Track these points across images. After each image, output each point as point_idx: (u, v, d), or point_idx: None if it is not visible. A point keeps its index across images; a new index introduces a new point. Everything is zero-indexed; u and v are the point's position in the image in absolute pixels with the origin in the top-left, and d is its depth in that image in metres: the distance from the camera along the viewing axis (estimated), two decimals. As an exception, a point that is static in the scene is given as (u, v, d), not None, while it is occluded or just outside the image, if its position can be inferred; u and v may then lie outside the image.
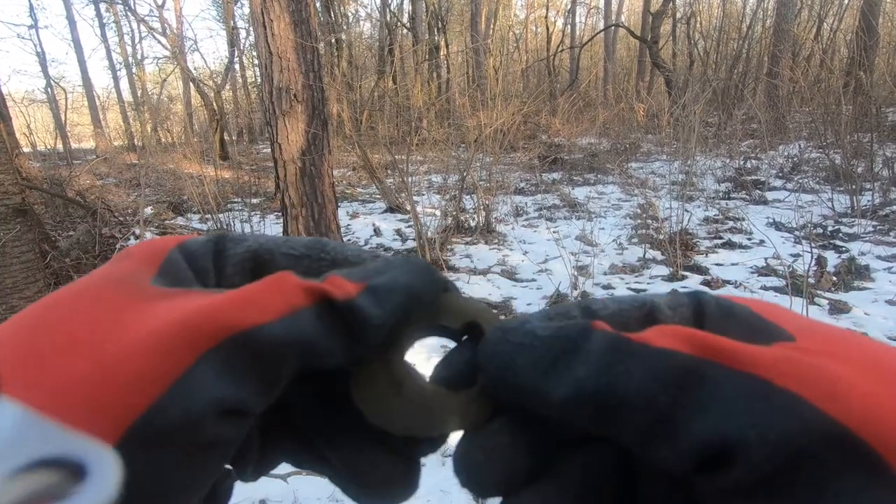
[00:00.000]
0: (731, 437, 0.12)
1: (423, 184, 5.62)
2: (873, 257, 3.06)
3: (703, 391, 0.12)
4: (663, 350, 0.13)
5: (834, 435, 0.11)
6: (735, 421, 0.12)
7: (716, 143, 6.96)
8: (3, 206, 2.01)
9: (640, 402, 0.13)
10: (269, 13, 2.93)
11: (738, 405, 0.12)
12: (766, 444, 0.11)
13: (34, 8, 18.71)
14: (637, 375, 0.13)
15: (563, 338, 0.15)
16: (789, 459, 0.11)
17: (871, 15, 7.53)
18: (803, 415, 0.11)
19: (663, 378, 0.13)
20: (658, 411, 0.13)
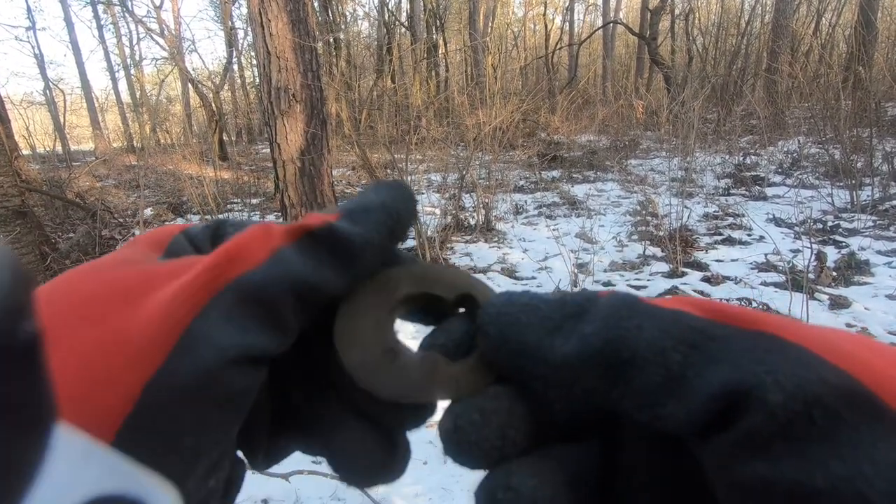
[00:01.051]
0: (746, 383, 0.11)
1: (423, 183, 5.61)
2: (873, 252, 3.06)
3: (715, 347, 0.12)
4: (675, 310, 0.13)
5: (846, 387, 0.11)
6: (750, 369, 0.11)
7: (715, 140, 6.95)
8: (2, 209, 2.01)
9: (651, 356, 0.13)
10: (267, 13, 2.93)
11: (751, 357, 0.12)
12: (783, 390, 0.11)
13: (32, 10, 18.69)
14: (648, 330, 0.13)
15: (571, 303, 0.15)
16: (805, 407, 0.11)
17: (870, 9, 7.51)
18: (817, 366, 0.11)
19: (675, 335, 0.13)
20: (668, 367, 0.12)
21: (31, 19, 18.86)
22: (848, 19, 10.92)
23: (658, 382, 0.13)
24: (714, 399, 0.12)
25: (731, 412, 0.12)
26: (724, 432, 0.12)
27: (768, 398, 0.11)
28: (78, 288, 0.15)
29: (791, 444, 0.11)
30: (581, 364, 0.14)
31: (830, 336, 0.12)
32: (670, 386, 0.12)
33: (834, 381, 0.11)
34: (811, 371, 0.11)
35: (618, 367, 0.13)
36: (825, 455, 0.10)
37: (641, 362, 0.13)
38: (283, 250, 0.16)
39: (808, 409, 0.11)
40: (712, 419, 0.12)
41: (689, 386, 0.12)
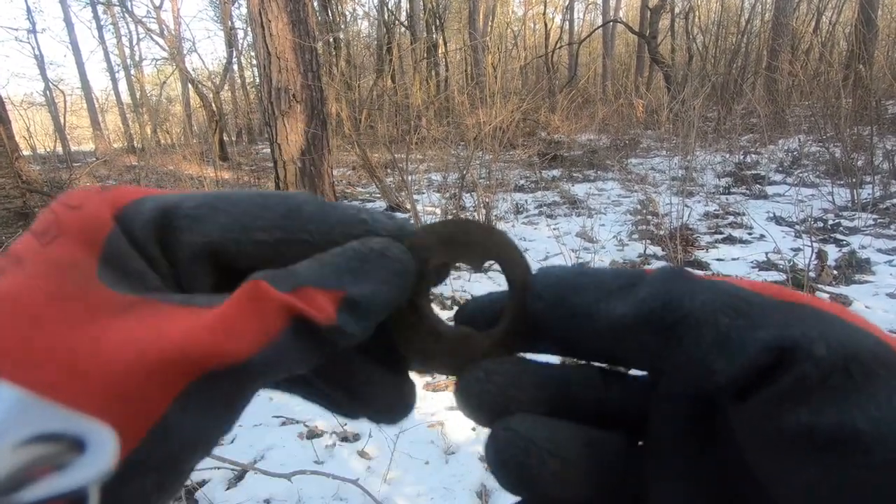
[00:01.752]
0: (792, 339, 0.12)
1: (423, 182, 5.61)
2: (874, 250, 3.06)
3: (758, 313, 0.13)
4: (721, 281, 0.15)
5: (879, 348, 0.12)
6: (796, 328, 0.13)
7: (715, 138, 6.95)
8: (4, 210, 2.02)
9: (703, 316, 0.14)
10: (267, 13, 2.93)
11: (792, 320, 0.13)
12: (826, 345, 0.12)
13: (32, 11, 18.71)
14: (700, 294, 0.14)
15: (624, 274, 0.16)
16: (844, 361, 0.12)
17: (870, 7, 7.50)
18: (852, 330, 0.13)
19: (724, 300, 0.14)
20: (719, 327, 0.13)
21: (32, 20, 18.88)
22: (848, 17, 10.90)
23: (709, 341, 0.13)
24: (762, 353, 0.13)
25: (775, 368, 0.13)
26: (769, 385, 0.13)
27: (814, 351, 0.12)
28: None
29: (832, 394, 0.12)
30: (637, 323, 0.15)
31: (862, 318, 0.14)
32: (720, 344, 0.13)
33: (867, 343, 0.12)
34: (847, 332, 0.13)
35: (672, 327, 0.14)
36: (863, 402, 0.12)
37: (694, 322, 0.14)
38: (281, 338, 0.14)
39: (847, 364, 0.12)
40: (757, 375, 0.13)
41: (738, 344, 0.13)
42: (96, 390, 0.12)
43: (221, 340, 0.13)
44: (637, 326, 0.15)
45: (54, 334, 0.12)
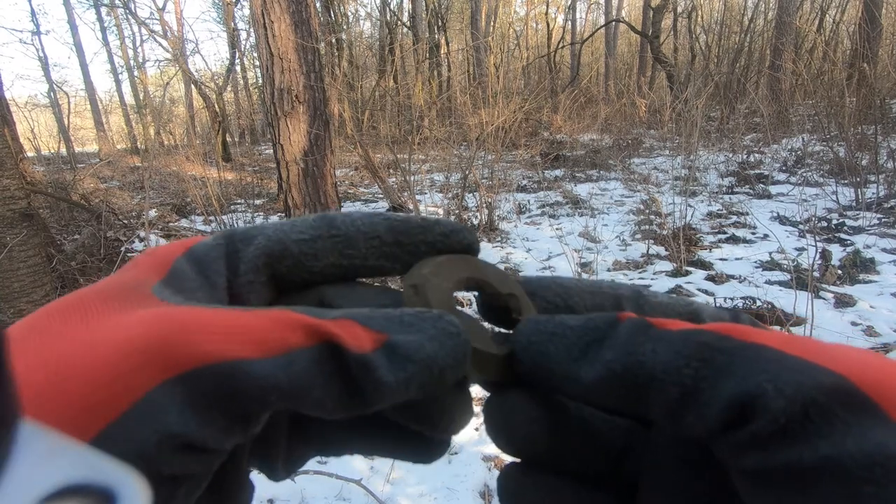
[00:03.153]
0: (751, 392, 0.13)
1: (426, 182, 5.62)
2: (878, 250, 3.05)
3: (722, 360, 0.14)
4: (684, 330, 0.15)
5: (839, 387, 0.12)
6: (753, 379, 0.13)
7: (718, 138, 6.93)
8: (9, 211, 2.03)
9: (667, 375, 0.14)
10: (270, 14, 2.93)
11: (754, 368, 0.13)
12: (782, 396, 0.13)
13: (36, 13, 18.80)
14: (662, 353, 0.14)
15: (592, 328, 0.16)
16: (802, 409, 0.12)
17: (874, 6, 7.47)
18: (811, 371, 0.13)
19: (686, 353, 0.14)
20: (683, 383, 0.14)
21: (36, 22, 18.99)
22: (852, 16, 10.85)
23: (675, 398, 0.14)
24: (726, 410, 0.13)
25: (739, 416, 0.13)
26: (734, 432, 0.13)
27: (769, 403, 0.13)
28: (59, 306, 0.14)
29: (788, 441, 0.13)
30: (606, 388, 0.15)
31: (829, 346, 0.14)
32: (687, 400, 0.14)
33: (827, 383, 0.13)
34: (806, 376, 0.13)
35: (639, 388, 0.15)
36: (816, 440, 0.12)
37: (659, 382, 0.14)
38: (298, 352, 0.13)
39: (805, 409, 0.12)
40: (726, 425, 0.13)
41: (703, 399, 0.14)
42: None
43: (225, 334, 0.13)
44: (607, 392, 0.15)
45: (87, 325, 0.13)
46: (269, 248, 0.17)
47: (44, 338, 0.13)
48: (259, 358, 0.13)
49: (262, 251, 0.17)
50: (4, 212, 2.01)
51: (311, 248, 0.18)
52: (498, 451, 1.69)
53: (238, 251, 0.18)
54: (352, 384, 0.14)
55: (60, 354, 0.12)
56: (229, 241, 0.18)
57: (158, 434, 0.12)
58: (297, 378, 0.13)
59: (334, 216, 0.19)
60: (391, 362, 0.14)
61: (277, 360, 0.13)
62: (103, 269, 3.26)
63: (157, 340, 0.12)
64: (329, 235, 0.18)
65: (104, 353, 0.12)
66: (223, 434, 0.13)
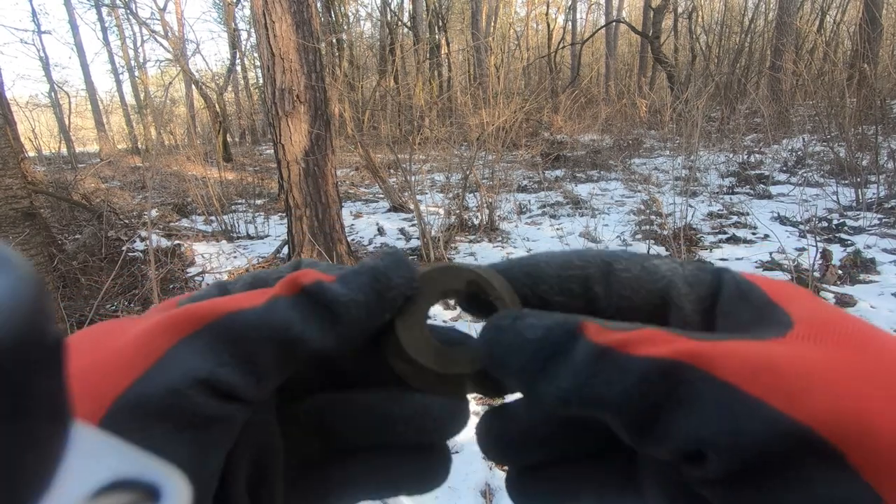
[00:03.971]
0: (704, 440, 0.13)
1: (426, 183, 5.62)
2: (879, 250, 3.05)
3: (680, 397, 0.13)
4: (643, 358, 0.14)
5: (798, 435, 0.12)
6: (708, 426, 0.13)
7: (719, 138, 6.93)
8: (11, 210, 2.03)
9: (621, 408, 0.14)
10: (271, 15, 2.94)
11: (711, 411, 0.13)
12: (735, 447, 0.12)
13: (37, 13, 18.82)
14: (617, 384, 0.14)
15: (551, 343, 0.16)
16: (757, 458, 0.12)
17: (875, 6, 7.47)
18: (769, 418, 0.12)
19: (642, 388, 0.14)
20: (638, 415, 0.14)
21: (37, 22, 18.99)
22: (852, 16, 10.85)
23: (632, 426, 0.14)
24: (679, 449, 0.14)
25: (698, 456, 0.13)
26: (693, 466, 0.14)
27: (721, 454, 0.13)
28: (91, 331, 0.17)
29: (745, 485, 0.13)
30: (564, 409, 0.15)
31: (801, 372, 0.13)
32: (643, 429, 0.14)
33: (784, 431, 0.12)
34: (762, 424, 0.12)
35: (596, 413, 0.15)
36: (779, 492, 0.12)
37: (616, 411, 0.14)
38: (278, 299, 0.17)
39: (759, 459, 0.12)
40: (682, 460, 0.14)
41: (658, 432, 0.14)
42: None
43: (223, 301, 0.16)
44: (566, 411, 0.15)
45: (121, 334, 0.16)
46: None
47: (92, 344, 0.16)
48: (247, 308, 0.16)
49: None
50: (7, 211, 2.01)
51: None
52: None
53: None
54: (319, 307, 0.17)
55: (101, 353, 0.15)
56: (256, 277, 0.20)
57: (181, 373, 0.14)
58: (279, 316, 0.16)
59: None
60: (343, 283, 0.17)
61: (263, 305, 0.16)
62: (104, 268, 3.26)
63: (173, 314, 0.16)
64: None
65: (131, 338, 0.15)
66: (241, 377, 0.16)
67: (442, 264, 0.20)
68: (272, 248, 3.90)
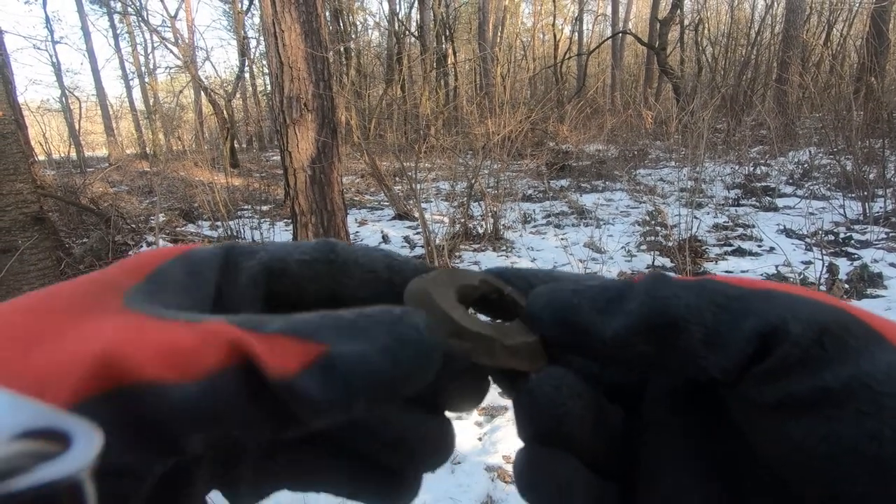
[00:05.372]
0: (771, 323, 0.14)
1: (431, 191, 5.64)
2: (886, 264, 3.03)
3: (738, 305, 0.15)
4: (700, 280, 0.16)
5: (848, 319, 0.14)
6: (772, 313, 0.14)
7: (725, 150, 6.93)
8: (21, 215, 2.05)
9: (692, 316, 0.15)
10: (281, 24, 2.98)
11: (770, 305, 0.14)
12: (802, 324, 0.14)
13: (50, 20, 19.11)
14: (684, 297, 0.15)
15: (612, 289, 0.17)
16: (818, 335, 0.13)
17: (882, 20, 7.48)
18: (823, 306, 0.14)
19: (707, 297, 0.15)
20: (706, 324, 0.15)
21: (50, 29, 19.26)
22: (859, 30, 10.86)
23: (699, 338, 0.15)
24: (748, 342, 0.14)
25: (760, 352, 0.14)
26: (756, 366, 0.14)
27: (790, 330, 0.14)
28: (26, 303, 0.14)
29: (809, 365, 0.13)
30: (631, 335, 0.15)
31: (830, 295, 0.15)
32: (710, 339, 0.15)
33: (836, 316, 0.14)
34: (819, 309, 0.14)
35: (662, 331, 0.15)
36: (835, 366, 0.13)
37: (683, 323, 0.15)
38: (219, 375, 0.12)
39: (820, 337, 0.13)
40: (746, 361, 0.14)
41: (726, 336, 0.14)
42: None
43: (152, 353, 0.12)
44: (632, 338, 0.15)
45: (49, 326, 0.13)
46: (271, 264, 0.18)
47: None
48: (180, 382, 0.12)
49: (264, 265, 0.18)
50: (17, 215, 2.03)
51: (311, 270, 0.18)
52: (500, 462, 1.68)
53: (238, 263, 0.18)
54: (278, 406, 0.13)
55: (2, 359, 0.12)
56: (229, 251, 0.18)
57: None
58: (218, 402, 0.12)
59: (336, 243, 0.19)
60: (324, 381, 0.13)
61: (198, 384, 0.12)
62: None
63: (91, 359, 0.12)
64: (328, 261, 0.18)
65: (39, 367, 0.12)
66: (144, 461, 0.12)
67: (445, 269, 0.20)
68: (277, 254, 3.91)
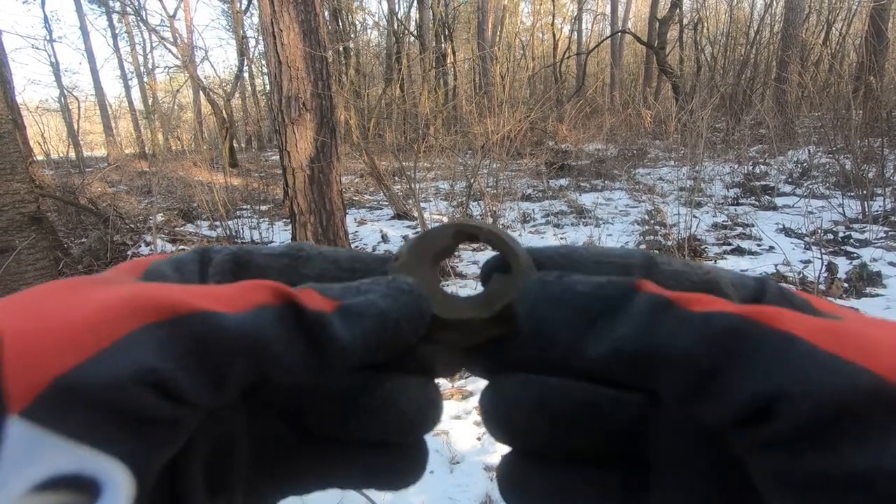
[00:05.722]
0: (775, 392, 0.12)
1: (431, 190, 5.63)
2: (885, 263, 3.03)
3: (748, 351, 0.13)
4: (709, 312, 0.13)
5: (878, 390, 0.11)
6: (779, 378, 0.12)
7: (724, 149, 6.93)
8: (19, 215, 2.05)
9: (685, 363, 0.13)
10: (279, 23, 2.97)
11: (781, 363, 0.12)
12: (810, 398, 0.11)
13: (49, 19, 19.09)
14: (682, 338, 0.13)
15: (604, 298, 0.15)
16: (833, 414, 0.11)
17: (881, 19, 7.48)
18: (844, 370, 0.12)
19: (708, 340, 0.13)
20: (702, 372, 0.13)
21: (48, 28, 19.23)
22: (858, 29, 10.86)
23: (691, 383, 0.13)
24: (746, 404, 0.12)
25: (761, 413, 0.12)
26: (754, 427, 0.12)
27: (795, 406, 0.12)
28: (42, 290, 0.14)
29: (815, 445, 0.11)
30: (612, 366, 0.14)
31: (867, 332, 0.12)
32: (704, 387, 0.13)
33: (864, 385, 0.11)
34: (838, 376, 0.12)
35: (650, 370, 0.14)
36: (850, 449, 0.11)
37: (676, 365, 0.13)
38: (264, 308, 0.14)
39: (837, 414, 0.11)
40: (744, 421, 0.13)
41: (721, 390, 0.13)
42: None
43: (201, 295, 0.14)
44: (613, 368, 0.14)
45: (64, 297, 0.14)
46: (237, 254, 0.19)
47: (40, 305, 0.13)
48: (230, 312, 0.14)
49: (230, 255, 0.19)
50: (14, 215, 2.03)
51: (276, 263, 0.19)
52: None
53: (210, 258, 0.19)
54: (312, 341, 0.15)
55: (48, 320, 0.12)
56: (204, 251, 0.19)
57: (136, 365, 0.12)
58: (261, 331, 0.14)
59: (305, 244, 0.20)
60: (345, 320, 0.15)
61: (246, 314, 0.14)
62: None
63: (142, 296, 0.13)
64: (294, 256, 0.19)
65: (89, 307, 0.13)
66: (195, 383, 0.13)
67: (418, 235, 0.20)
68: (276, 254, 3.91)
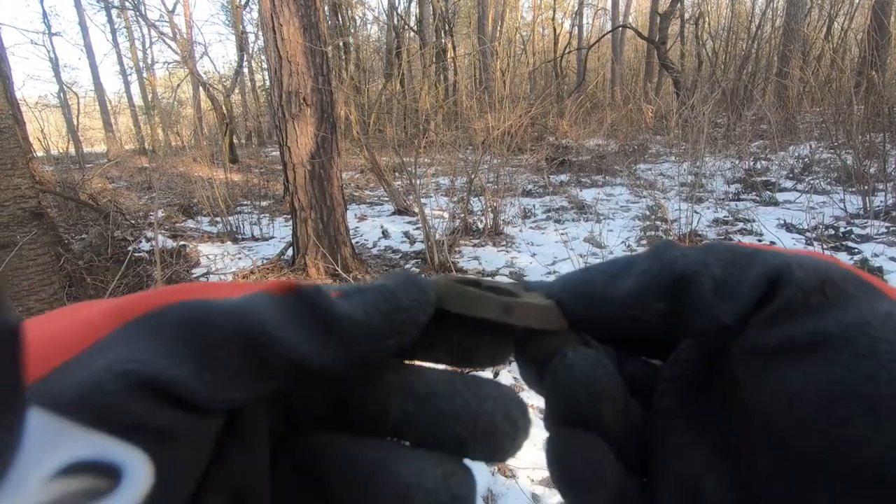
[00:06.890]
0: (778, 269, 0.15)
1: (431, 186, 5.62)
2: (886, 259, 3.02)
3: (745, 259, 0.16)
4: (708, 243, 0.17)
5: (849, 272, 0.15)
6: (778, 260, 0.15)
7: (725, 144, 6.91)
8: (19, 210, 2.05)
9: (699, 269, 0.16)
10: (279, 18, 2.96)
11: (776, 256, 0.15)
12: (804, 269, 0.15)
13: (48, 15, 19.01)
14: (691, 254, 0.16)
15: (620, 259, 0.18)
16: (819, 283, 0.14)
17: (883, 14, 7.44)
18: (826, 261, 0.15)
19: (713, 254, 0.16)
20: (714, 276, 0.16)
21: (47, 24, 19.18)
22: (860, 23, 10.82)
23: (709, 289, 0.15)
24: (756, 287, 0.15)
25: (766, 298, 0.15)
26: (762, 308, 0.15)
27: (795, 275, 0.14)
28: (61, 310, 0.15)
29: (811, 310, 0.14)
30: (643, 293, 0.16)
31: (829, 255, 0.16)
32: (719, 289, 0.15)
33: (836, 268, 0.15)
34: (820, 261, 0.15)
35: (673, 286, 0.16)
36: (835, 312, 0.14)
37: (693, 275, 0.16)
38: (258, 294, 0.14)
39: (822, 285, 0.14)
40: (754, 306, 0.15)
41: (734, 284, 0.15)
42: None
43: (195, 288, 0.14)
44: (644, 294, 0.16)
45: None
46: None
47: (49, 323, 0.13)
48: (219, 297, 0.14)
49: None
50: (15, 210, 2.03)
51: None
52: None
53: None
54: (312, 318, 0.15)
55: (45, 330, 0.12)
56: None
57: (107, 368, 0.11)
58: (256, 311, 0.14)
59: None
60: (347, 300, 0.15)
61: (240, 298, 0.14)
62: (110, 268, 3.28)
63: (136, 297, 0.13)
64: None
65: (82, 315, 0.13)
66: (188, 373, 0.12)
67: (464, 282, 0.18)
68: (277, 249, 3.91)
